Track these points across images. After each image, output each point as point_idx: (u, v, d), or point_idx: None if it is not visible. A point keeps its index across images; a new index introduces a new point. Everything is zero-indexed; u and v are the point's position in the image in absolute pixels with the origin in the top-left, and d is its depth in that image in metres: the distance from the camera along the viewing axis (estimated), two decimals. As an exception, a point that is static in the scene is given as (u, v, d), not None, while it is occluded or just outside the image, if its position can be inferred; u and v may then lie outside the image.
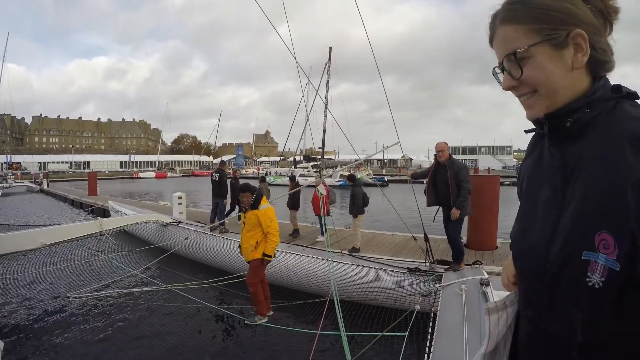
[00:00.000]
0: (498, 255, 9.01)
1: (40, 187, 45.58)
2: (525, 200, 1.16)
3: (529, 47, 0.98)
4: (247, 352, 6.10)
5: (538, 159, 1.14)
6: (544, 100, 1.01)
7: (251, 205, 6.57)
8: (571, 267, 0.93)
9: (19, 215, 23.05)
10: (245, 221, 6.65)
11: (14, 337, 6.34)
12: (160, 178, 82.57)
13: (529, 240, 1.07)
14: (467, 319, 4.67)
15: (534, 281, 1.04)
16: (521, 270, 1.13)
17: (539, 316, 1.04)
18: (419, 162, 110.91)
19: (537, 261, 1.02)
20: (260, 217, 6.48)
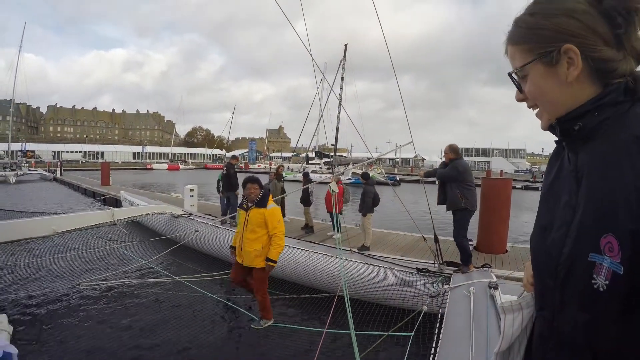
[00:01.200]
0: (507, 259, 8.97)
1: (54, 175, 45.97)
2: (544, 204, 1.18)
3: (522, 67, 1.07)
4: (254, 345, 6.10)
5: (559, 164, 1.16)
6: (546, 114, 1.08)
7: (257, 202, 5.97)
8: (579, 268, 0.95)
9: (32, 203, 23.23)
10: (248, 220, 5.96)
11: (24, 322, 6.41)
12: (172, 170, 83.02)
13: (545, 242, 1.09)
14: (474, 322, 4.66)
15: (548, 281, 1.07)
16: (537, 270, 1.16)
17: (552, 316, 1.07)
18: (432, 162, 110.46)
19: (551, 262, 1.05)
20: (268, 217, 5.88)
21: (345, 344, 5.79)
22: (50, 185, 39.20)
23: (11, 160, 51.19)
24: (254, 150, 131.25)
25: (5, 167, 45.85)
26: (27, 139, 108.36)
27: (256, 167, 77.07)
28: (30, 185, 38.19)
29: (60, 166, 52.51)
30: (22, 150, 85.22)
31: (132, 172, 72.71)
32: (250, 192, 6.00)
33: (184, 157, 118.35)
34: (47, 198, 27.35)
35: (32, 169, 52.28)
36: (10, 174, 42.26)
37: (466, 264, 7.27)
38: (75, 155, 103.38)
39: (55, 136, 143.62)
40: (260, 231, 5.91)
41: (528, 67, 1.05)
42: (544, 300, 1.11)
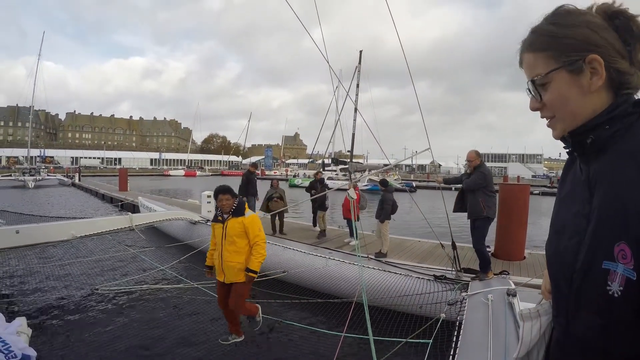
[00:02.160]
0: (526, 266, 8.87)
1: (72, 180, 46.53)
2: (558, 211, 1.21)
3: (547, 74, 1.06)
4: (272, 349, 6.15)
5: (572, 174, 1.18)
6: (561, 124, 1.09)
7: (234, 211, 5.40)
8: (593, 275, 0.97)
9: (51, 208, 23.48)
10: (226, 232, 5.36)
11: (42, 325, 6.50)
12: (189, 176, 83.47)
13: (560, 250, 1.11)
14: (492, 330, 4.62)
15: (564, 288, 1.09)
16: (552, 277, 1.18)
17: (567, 322, 1.09)
18: (448, 168, 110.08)
19: (566, 269, 1.07)
20: (248, 225, 5.32)
21: (362, 350, 5.80)
22: (69, 191, 39.68)
23: (30, 166, 51.87)
24: (270, 157, 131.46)
25: (25, 172, 46.61)
26: (46, 145, 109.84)
27: (272, 174, 77.14)
28: (48, 190, 38.74)
29: (79, 172, 53.24)
30: (41, 156, 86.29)
31: (149, 178, 73.25)
32: (223, 204, 5.39)
33: (200, 164, 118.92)
34: (66, 203, 27.68)
35: (50, 174, 53.09)
36: (29, 179, 42.97)
37: (485, 271, 7.22)
38: (93, 161, 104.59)
39: (73, 142, 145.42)
40: (240, 242, 5.33)
41: (552, 75, 1.05)
42: (559, 307, 1.14)
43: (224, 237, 5.37)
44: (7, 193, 35.15)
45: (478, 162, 7.43)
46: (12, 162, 73.46)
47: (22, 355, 2.91)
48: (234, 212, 5.41)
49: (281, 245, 9.71)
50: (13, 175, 48.17)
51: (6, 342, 2.91)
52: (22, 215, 13.29)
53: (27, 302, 7.39)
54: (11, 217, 12.16)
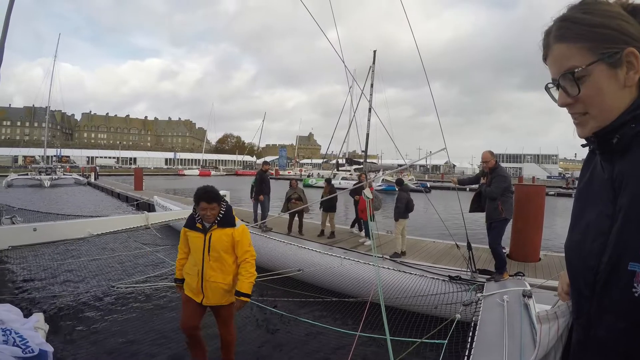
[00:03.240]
0: (541, 267, 8.82)
1: (88, 180, 47.00)
2: (578, 212, 1.16)
3: (587, 66, 0.98)
4: (286, 347, 6.17)
5: (592, 172, 1.14)
6: (594, 121, 1.02)
7: (220, 220, 4.34)
8: (618, 277, 0.94)
9: (67, 206, 23.69)
10: (209, 245, 4.30)
11: (60, 321, 6.55)
12: (204, 176, 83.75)
13: (582, 251, 1.07)
14: (507, 331, 4.60)
15: (585, 290, 1.06)
16: (574, 280, 1.14)
17: (590, 324, 1.06)
18: (462, 168, 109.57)
19: (588, 270, 1.03)
20: (239, 239, 4.34)
21: (376, 349, 5.79)
22: (84, 190, 40.13)
23: (46, 165, 52.34)
24: (284, 157, 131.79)
25: (41, 172, 47.05)
26: (62, 144, 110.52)
27: (286, 174, 77.29)
28: (64, 189, 39.16)
29: (95, 171, 53.75)
30: (57, 155, 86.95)
31: (164, 177, 73.78)
32: (207, 215, 4.25)
33: (215, 164, 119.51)
34: (82, 202, 27.92)
35: (66, 173, 53.55)
36: (45, 178, 43.54)
37: (500, 271, 7.19)
38: (109, 160, 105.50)
39: (89, 142, 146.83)
40: (228, 258, 4.33)
41: (592, 67, 0.98)
42: (581, 309, 1.10)
43: (207, 250, 4.28)
44: (24, 192, 35.58)
45: (493, 162, 7.38)
46: (29, 161, 74.22)
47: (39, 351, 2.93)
48: (222, 221, 4.32)
49: (297, 244, 9.76)
50: (29, 174, 48.67)
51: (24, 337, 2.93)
52: (39, 213, 13.42)
53: (44, 298, 7.47)
54: (28, 215, 12.29)
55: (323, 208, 12.51)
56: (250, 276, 4.30)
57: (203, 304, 4.38)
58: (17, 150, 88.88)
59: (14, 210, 12.17)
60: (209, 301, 4.35)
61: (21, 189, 38.92)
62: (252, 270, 4.36)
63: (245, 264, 4.35)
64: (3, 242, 8.85)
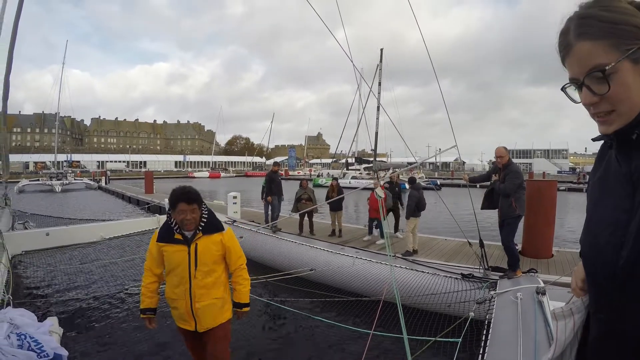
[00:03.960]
0: (554, 263, 8.76)
1: (99, 184, 47.31)
2: (593, 207, 1.17)
3: (617, 63, 0.96)
4: (298, 345, 6.21)
5: (606, 167, 1.14)
6: (621, 119, 1.00)
7: (205, 226, 3.58)
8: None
9: (79, 211, 23.83)
10: (198, 258, 3.53)
11: (74, 324, 6.58)
12: (213, 178, 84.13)
13: (599, 246, 1.08)
14: (522, 328, 4.58)
15: (606, 284, 1.06)
16: (592, 274, 1.14)
17: (612, 318, 1.07)
18: (472, 165, 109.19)
19: (608, 265, 1.03)
20: (230, 245, 3.67)
21: (390, 348, 5.78)
22: (95, 194, 40.41)
23: (57, 171, 52.66)
24: (294, 157, 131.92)
25: (52, 177, 47.37)
26: (72, 150, 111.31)
27: (296, 174, 77.35)
28: (75, 194, 39.44)
29: (106, 175, 54.10)
30: (68, 160, 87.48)
31: (174, 180, 73.89)
32: (186, 219, 3.44)
33: (224, 165, 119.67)
34: (93, 206, 28.07)
35: (77, 178, 53.96)
36: (56, 183, 43.94)
37: (514, 268, 7.15)
38: (119, 165, 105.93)
39: (99, 147, 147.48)
40: (219, 269, 3.64)
41: (619, 64, 0.95)
42: (601, 304, 1.12)
43: (194, 265, 3.50)
44: (36, 197, 35.89)
45: (507, 158, 7.35)
46: (40, 167, 74.79)
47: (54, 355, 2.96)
48: (207, 227, 3.58)
49: (309, 244, 9.75)
50: (41, 179, 48.96)
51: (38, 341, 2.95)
52: (51, 218, 13.54)
53: (58, 302, 7.51)
54: (41, 220, 12.39)
55: (330, 208, 12.58)
56: (247, 284, 3.79)
57: (199, 331, 3.63)
58: (28, 156, 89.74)
59: (26, 216, 12.31)
60: (203, 326, 3.60)
61: (33, 194, 39.25)
62: (247, 275, 3.80)
63: (241, 271, 3.75)
64: (17, 247, 8.94)
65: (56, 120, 61.81)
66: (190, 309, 3.54)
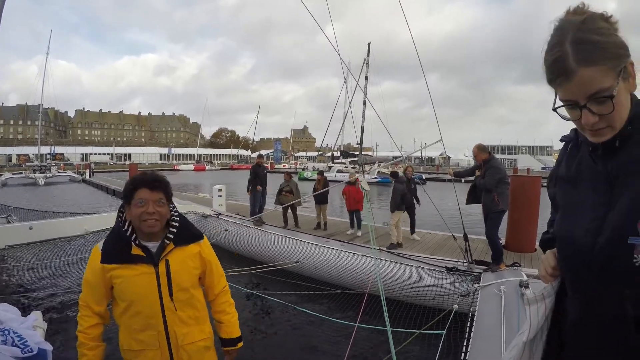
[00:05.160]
0: (537, 257, 8.83)
1: (83, 177, 46.87)
2: (568, 200, 1.28)
3: (617, 86, 1.02)
4: (283, 336, 6.27)
5: (579, 165, 1.26)
6: (613, 131, 1.09)
7: (176, 234, 2.35)
8: (619, 252, 1.04)
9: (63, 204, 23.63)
10: (172, 282, 2.27)
11: (58, 319, 6.57)
12: (198, 171, 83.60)
13: (576, 235, 1.18)
14: (505, 321, 4.63)
15: (584, 270, 1.15)
16: (568, 259, 1.24)
17: (591, 301, 1.15)
18: (457, 160, 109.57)
19: (586, 252, 1.13)
20: (211, 258, 2.51)
21: (375, 340, 5.81)
22: (80, 187, 39.99)
23: (40, 163, 52.06)
24: (279, 150, 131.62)
25: (35, 170, 46.83)
26: (56, 142, 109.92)
27: (282, 167, 77.18)
28: (59, 187, 39.01)
29: (90, 168, 53.59)
30: (51, 153, 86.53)
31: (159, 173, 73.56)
32: (148, 214, 2.22)
33: (209, 158, 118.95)
34: (77, 199, 27.84)
35: (61, 171, 53.29)
36: (39, 176, 43.36)
37: (497, 262, 7.22)
38: (103, 157, 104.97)
39: (83, 139, 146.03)
40: (199, 294, 2.48)
41: (618, 86, 1.02)
42: (577, 287, 1.22)
43: (167, 292, 2.26)
44: (19, 190, 35.44)
45: (484, 156, 7.42)
46: (23, 160, 73.89)
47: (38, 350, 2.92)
48: (179, 234, 2.36)
49: (294, 237, 9.76)
50: (24, 172, 48.37)
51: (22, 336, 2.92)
52: (35, 211, 13.39)
53: (42, 297, 7.44)
54: (24, 214, 12.26)
55: (315, 201, 12.63)
56: (234, 311, 2.64)
57: None
58: (11, 149, 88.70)
59: (9, 210, 12.17)
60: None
61: (16, 187, 38.74)
62: (232, 300, 2.65)
63: (226, 296, 2.60)
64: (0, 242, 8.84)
65: (40, 112, 61.14)
66: (169, 355, 2.29)
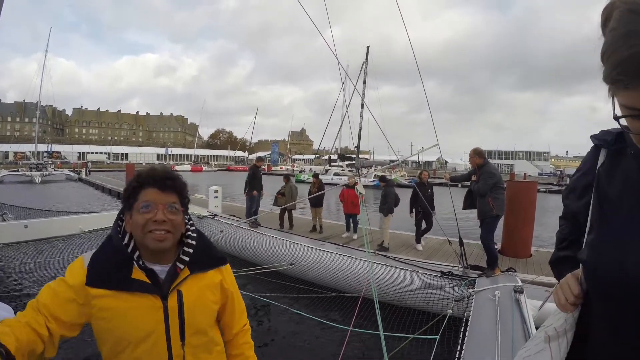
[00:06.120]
0: (532, 263, 8.91)
1: (79, 176, 46.73)
2: (611, 222, 1.08)
3: None
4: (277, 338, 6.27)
5: (625, 178, 1.07)
6: None
7: (193, 255, 1.63)
8: None
9: (59, 203, 23.56)
10: (186, 320, 1.55)
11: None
12: (195, 172, 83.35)
13: (629, 266, 0.97)
14: (500, 326, 4.63)
15: (629, 304, 0.98)
16: (609, 293, 1.04)
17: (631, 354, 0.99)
18: (454, 164, 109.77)
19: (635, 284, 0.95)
20: (232, 289, 1.85)
21: (368, 344, 5.81)
22: (76, 186, 39.85)
23: (37, 161, 51.90)
24: (277, 152, 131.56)
25: (32, 168, 46.65)
26: (53, 140, 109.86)
27: (279, 169, 77.13)
28: (55, 185, 38.90)
29: (86, 167, 53.44)
30: (48, 151, 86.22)
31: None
32: (157, 220, 1.52)
33: (206, 159, 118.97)
34: (73, 198, 27.76)
35: (57, 169, 53.09)
36: (35, 174, 43.19)
37: (492, 267, 7.22)
38: (100, 156, 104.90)
39: (80, 138, 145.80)
40: (215, 336, 1.75)
41: None
42: (620, 323, 1.02)
43: (179, 336, 1.56)
44: (15, 188, 35.28)
45: (479, 161, 7.43)
46: (19, 157, 73.71)
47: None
48: (196, 256, 1.66)
49: (289, 240, 9.76)
50: (20, 170, 48.16)
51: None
52: (31, 210, 13.34)
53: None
54: (19, 212, 12.21)
55: (311, 203, 12.69)
56: (253, 354, 1.93)
57: None
58: (8, 146, 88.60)
59: (5, 207, 12.10)
60: None
61: (12, 185, 38.61)
62: (252, 341, 1.95)
63: (246, 335, 1.92)
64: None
65: (37, 110, 61.03)
66: None
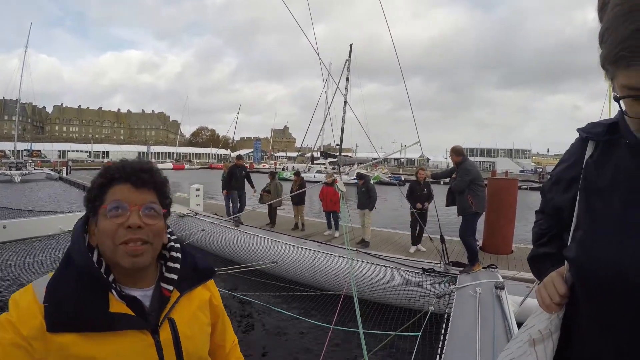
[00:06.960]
0: (513, 259, 8.98)
1: (60, 175, 46.17)
2: (602, 216, 1.03)
3: None
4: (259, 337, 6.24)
5: (615, 170, 1.03)
6: None
7: (181, 272, 1.22)
8: None
9: (39, 202, 23.30)
10: (182, 349, 1.11)
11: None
12: (177, 170, 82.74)
13: (627, 263, 0.93)
14: (480, 322, 4.66)
15: (627, 301, 0.93)
16: (605, 289, 0.98)
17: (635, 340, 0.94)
18: (437, 162, 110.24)
19: (632, 279, 0.91)
20: (220, 306, 1.38)
21: (351, 342, 5.81)
22: (56, 185, 39.35)
23: (17, 160, 51.20)
24: (259, 150, 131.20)
25: (11, 167, 45.96)
26: (33, 138, 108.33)
27: (261, 167, 76.92)
28: (35, 185, 38.34)
29: (67, 165, 52.80)
30: (28, 149, 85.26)
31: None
32: (128, 224, 1.09)
33: (189, 157, 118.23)
34: (54, 197, 27.47)
35: (37, 168, 52.39)
36: (15, 173, 42.45)
37: (472, 263, 7.26)
38: (81, 154, 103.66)
39: (60, 136, 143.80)
40: None
41: None
42: (615, 321, 0.97)
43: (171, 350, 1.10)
44: (-6, 187, 34.85)
45: (458, 159, 7.46)
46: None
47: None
48: (185, 272, 1.23)
49: (271, 238, 9.72)
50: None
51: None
52: (9, 210, 13.16)
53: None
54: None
55: (292, 201, 12.68)
56: None
57: None
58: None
59: (-17, 208, 11.94)
60: None
61: (-10, 184, 38.17)
62: (242, 356, 1.56)
63: (236, 350, 1.52)
64: (-27, 241, 8.68)
65: (17, 107, 60.20)
66: None
